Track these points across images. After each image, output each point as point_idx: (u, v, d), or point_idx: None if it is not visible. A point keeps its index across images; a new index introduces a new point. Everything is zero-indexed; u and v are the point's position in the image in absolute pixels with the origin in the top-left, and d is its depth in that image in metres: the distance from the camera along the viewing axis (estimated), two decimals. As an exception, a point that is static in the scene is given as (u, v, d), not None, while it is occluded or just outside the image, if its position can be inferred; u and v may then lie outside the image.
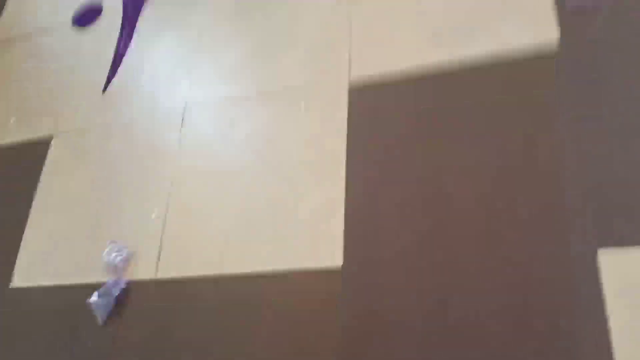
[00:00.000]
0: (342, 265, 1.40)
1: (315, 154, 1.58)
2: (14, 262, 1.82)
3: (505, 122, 1.40)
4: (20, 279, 1.79)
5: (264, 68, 1.80)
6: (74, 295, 1.65)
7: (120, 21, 2.19)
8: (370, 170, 1.50)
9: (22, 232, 1.87)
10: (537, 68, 1.42)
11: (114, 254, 1.65)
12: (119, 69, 2.09)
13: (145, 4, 2.17)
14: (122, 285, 1.60)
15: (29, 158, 2.03)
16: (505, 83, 1.44)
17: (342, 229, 1.44)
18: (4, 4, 2.56)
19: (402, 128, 1.51)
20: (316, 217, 1.49)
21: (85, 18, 2.29)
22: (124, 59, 2.11)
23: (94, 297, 1.60)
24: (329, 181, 1.52)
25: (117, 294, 1.59)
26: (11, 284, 1.79)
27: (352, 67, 1.66)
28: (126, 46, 2.13)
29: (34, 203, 1.92)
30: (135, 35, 2.13)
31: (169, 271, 1.60)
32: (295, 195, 1.55)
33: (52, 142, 2.03)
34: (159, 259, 1.63)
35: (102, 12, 2.26)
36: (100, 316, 1.58)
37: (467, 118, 1.45)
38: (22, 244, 1.85)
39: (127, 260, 1.65)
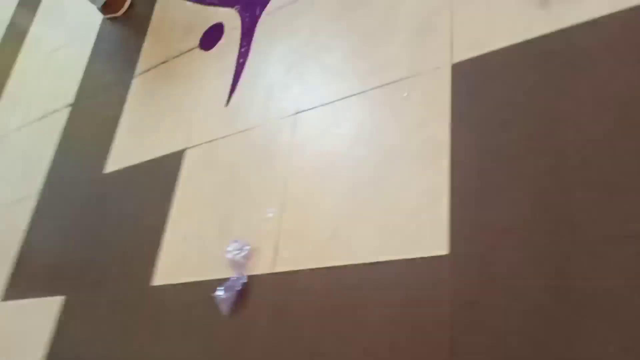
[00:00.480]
0: (449, 253, 1.34)
1: (419, 141, 1.55)
2: (155, 263, 2.02)
3: (621, 80, 1.25)
4: (159, 278, 1.98)
5: (365, 63, 1.81)
6: (203, 290, 1.78)
7: (239, 37, 2.35)
8: (474, 152, 1.42)
9: (162, 235, 2.07)
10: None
11: (236, 251, 1.76)
12: (240, 82, 2.24)
13: (259, 18, 2.32)
14: (244, 280, 1.69)
15: (166, 170, 2.25)
16: (624, 33, 1.29)
17: (448, 216, 1.38)
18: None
19: (508, 101, 1.42)
20: (421, 204, 1.45)
21: (210, 39, 2.50)
22: (243, 72, 2.26)
23: (219, 291, 1.71)
24: (433, 167, 1.48)
25: (239, 288, 1.69)
26: (152, 282, 1.99)
27: (454, 48, 1.61)
28: (245, 60, 2.28)
29: (171, 210, 2.12)
30: (251, 49, 2.27)
31: (285, 265, 1.66)
32: (400, 183, 1.53)
33: (185, 154, 2.23)
34: (276, 254, 1.70)
35: (224, 31, 2.45)
36: (223, 308, 1.68)
37: (580, 80, 1.32)
38: (162, 246, 2.05)
39: (248, 257, 1.74)
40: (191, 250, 1.95)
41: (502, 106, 1.43)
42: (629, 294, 1.08)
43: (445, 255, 1.35)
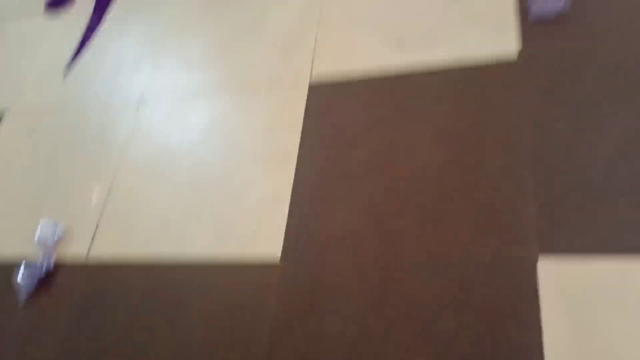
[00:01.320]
0: (280, 261, 1.34)
1: (269, 146, 1.54)
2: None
3: (459, 122, 1.39)
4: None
5: (227, 61, 1.77)
6: (3, 272, 1.55)
7: (93, 2, 2.16)
8: (319, 165, 1.46)
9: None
10: (496, 74, 1.42)
11: (46, 233, 1.56)
12: (85, 54, 2.05)
13: (119, -7, 2.15)
14: (50, 266, 1.51)
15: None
16: (464, 86, 1.44)
17: (285, 223, 1.39)
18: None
19: (356, 126, 1.49)
20: (260, 210, 1.44)
21: (57, 3, 2.26)
22: (91, 44, 2.07)
23: (19, 276, 1.49)
24: (279, 173, 1.48)
25: (41, 276, 1.49)
26: None
27: (314, 65, 1.65)
28: (93, 31, 2.10)
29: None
30: (105, 22, 2.10)
31: (101, 254, 1.52)
32: (243, 184, 1.50)
33: (5, 115, 1.95)
34: (92, 240, 1.54)
35: (75, -2, 2.23)
36: (21, 297, 1.47)
37: (422, 117, 1.43)
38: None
39: (60, 240, 1.56)
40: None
41: (350, 129, 1.49)
42: (436, 314, 1.17)
43: (276, 263, 1.34)
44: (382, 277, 1.24)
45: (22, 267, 1.51)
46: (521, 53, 1.43)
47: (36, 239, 1.56)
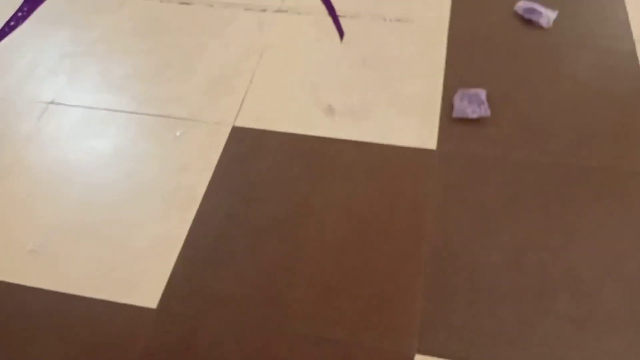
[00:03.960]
0: (156, 308, 1.25)
1: (174, 184, 1.47)
2: None
3: (370, 199, 1.39)
4: None
5: (152, 87, 1.70)
6: None
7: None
8: (222, 214, 1.40)
9: None
10: (412, 161, 1.46)
11: None
12: (1, 45, 1.90)
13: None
14: None
15: None
16: (381, 164, 1.46)
17: (171, 270, 1.30)
18: None
19: (269, 179, 1.46)
20: (150, 250, 1.35)
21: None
22: (9, 37, 1.93)
23: None
24: (177, 215, 1.40)
25: None
26: None
27: (241, 110, 1.62)
28: (16, 24, 1.96)
29: None
30: (30, 20, 1.97)
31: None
32: (136, 220, 1.41)
33: None
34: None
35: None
36: None
37: (336, 185, 1.43)
38: None
39: None
40: None
41: (262, 182, 1.46)
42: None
43: (152, 309, 1.24)
44: (261, 347, 1.18)
45: None
46: (438, 147, 1.48)
47: None
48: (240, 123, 1.60)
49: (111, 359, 1.18)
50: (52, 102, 1.70)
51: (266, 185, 1.46)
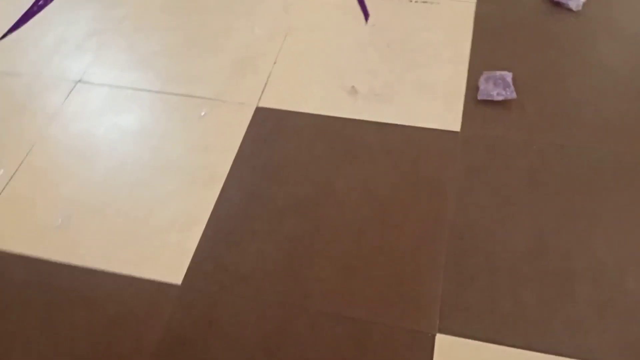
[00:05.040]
0: (180, 284, 1.27)
1: (197, 163, 1.49)
2: None
3: (391, 179, 1.40)
4: None
5: (177, 67, 1.72)
6: None
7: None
8: (245, 194, 1.41)
9: None
10: (436, 145, 1.46)
11: None
12: (29, 23, 1.93)
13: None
14: None
15: None
16: (404, 146, 1.46)
17: (195, 247, 1.33)
18: None
19: (291, 159, 1.47)
20: (173, 227, 1.37)
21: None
22: (38, 15, 1.96)
23: None
24: (201, 194, 1.42)
25: None
26: None
27: (266, 90, 1.63)
28: (44, 4, 1.99)
29: None
30: (58, -3, 2.00)
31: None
32: (160, 197, 1.43)
33: None
34: (-17, 220, 1.41)
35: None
36: None
37: (358, 166, 1.43)
38: None
39: None
40: None
41: (285, 162, 1.47)
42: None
43: (177, 285, 1.27)
44: (281, 322, 1.20)
45: None
46: (462, 129, 1.47)
47: None
48: (264, 104, 1.61)
49: (135, 332, 1.21)
50: (79, 80, 1.72)
51: (289, 166, 1.47)
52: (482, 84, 1.53)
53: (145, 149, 1.53)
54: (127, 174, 1.48)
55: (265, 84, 1.65)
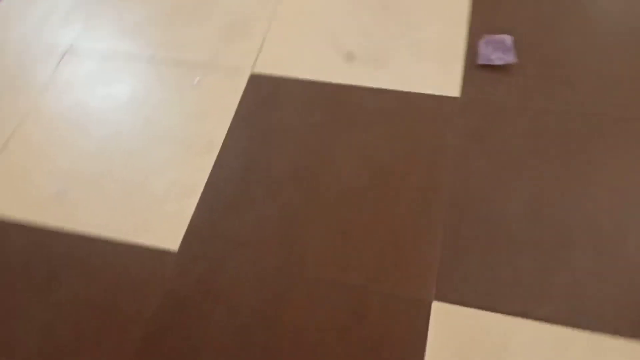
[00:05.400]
0: (177, 251, 1.27)
1: (192, 131, 1.47)
2: None
3: (388, 146, 1.38)
4: None
5: (169, 34, 1.68)
6: None
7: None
8: (240, 161, 1.40)
9: None
10: (433, 109, 1.43)
11: None
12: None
13: None
14: None
15: None
16: (401, 111, 1.44)
17: (191, 213, 1.32)
18: None
19: (288, 126, 1.45)
20: (169, 194, 1.36)
21: None
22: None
23: None
24: (195, 162, 1.41)
25: None
26: None
27: (260, 57, 1.59)
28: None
29: None
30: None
31: (-17, 208, 1.38)
32: (155, 166, 1.41)
33: None
34: (-24, 191, 1.40)
35: None
36: None
37: (354, 132, 1.41)
38: None
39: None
40: None
41: (281, 129, 1.45)
42: (323, 336, 1.14)
43: (174, 251, 1.26)
44: (279, 289, 1.20)
45: None
46: (462, 95, 1.45)
47: None
48: (258, 70, 1.58)
49: (133, 298, 1.21)
50: (68, 51, 1.68)
51: (285, 132, 1.45)
52: (481, 48, 1.50)
53: (139, 118, 1.51)
54: (121, 143, 1.46)
55: (260, 49, 1.62)
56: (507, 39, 1.49)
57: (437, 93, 1.46)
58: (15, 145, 1.48)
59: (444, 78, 1.49)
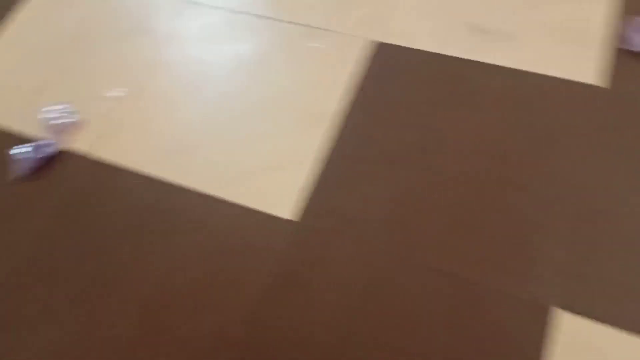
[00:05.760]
0: (298, 221, 1.27)
1: (309, 99, 1.44)
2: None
3: (515, 133, 1.30)
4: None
5: (291, -6, 1.64)
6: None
7: None
8: (360, 135, 1.37)
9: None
10: (571, 96, 1.32)
11: (60, 115, 1.47)
12: None
13: None
14: (54, 149, 1.43)
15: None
16: (534, 95, 1.34)
17: (312, 184, 1.31)
18: None
19: (412, 100, 1.39)
20: (280, 163, 1.36)
21: None
22: None
23: (17, 149, 1.42)
24: (312, 132, 1.39)
25: (44, 155, 1.42)
26: None
27: (379, 28, 1.53)
28: None
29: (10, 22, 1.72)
30: None
31: (109, 154, 1.44)
32: (270, 130, 1.41)
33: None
34: (103, 138, 1.46)
35: None
36: (14, 170, 1.40)
37: (479, 114, 1.34)
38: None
39: (72, 127, 1.47)
40: (2, 89, 1.60)
41: (403, 103, 1.40)
42: (430, 330, 1.12)
43: (290, 221, 1.27)
44: (385, 272, 1.18)
45: (24, 144, 1.43)
46: (611, 85, 1.32)
47: (45, 117, 1.47)
48: (378, 37, 1.51)
49: (249, 263, 1.24)
50: (191, 1, 1.69)
51: (403, 108, 1.40)
52: (633, 33, 1.35)
53: (256, 78, 1.51)
54: (237, 104, 1.47)
55: (381, 16, 1.55)
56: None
57: (575, 80, 1.35)
58: (138, 93, 1.53)
59: (585, 63, 1.37)
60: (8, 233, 1.35)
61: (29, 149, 1.42)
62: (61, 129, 1.46)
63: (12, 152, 1.42)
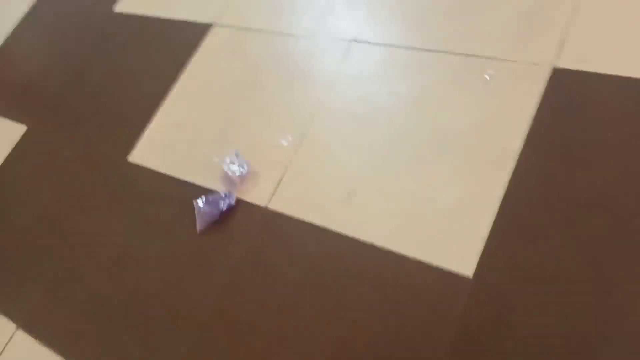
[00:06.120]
0: (472, 277, 1.18)
1: (484, 137, 1.34)
2: (138, 137, 1.79)
3: None
4: (138, 156, 1.76)
5: (455, 24, 1.55)
6: (181, 190, 1.59)
7: None
8: (542, 176, 1.24)
9: (155, 111, 1.83)
10: None
11: (234, 166, 1.55)
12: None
13: None
14: (232, 201, 1.50)
15: (184, 39, 1.96)
16: None
17: (487, 235, 1.22)
18: None
19: (603, 135, 1.23)
20: (460, 209, 1.27)
21: None
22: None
23: (201, 202, 1.51)
24: (490, 173, 1.29)
25: (224, 208, 1.49)
26: (128, 157, 1.77)
27: (562, 51, 1.37)
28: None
29: (175, 85, 1.87)
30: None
31: (281, 205, 1.47)
32: (442, 175, 1.34)
33: (211, 30, 1.94)
34: (276, 188, 1.50)
35: None
36: (199, 222, 1.50)
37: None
38: (152, 121, 1.81)
39: (245, 178, 1.54)
40: (181, 142, 1.73)
41: (590, 139, 1.24)
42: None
43: (468, 277, 1.19)
44: (587, 336, 1.04)
45: (204, 195, 1.53)
46: None
47: (223, 170, 1.56)
48: (562, 64, 1.36)
49: (427, 322, 1.18)
50: (354, 40, 1.68)
51: (594, 145, 1.24)
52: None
53: (425, 119, 1.44)
54: (407, 148, 1.42)
55: (563, 39, 1.39)
56: None
57: None
58: (308, 143, 1.55)
59: None
60: (194, 286, 1.45)
61: (211, 200, 1.50)
62: (236, 180, 1.53)
63: (196, 204, 1.52)
